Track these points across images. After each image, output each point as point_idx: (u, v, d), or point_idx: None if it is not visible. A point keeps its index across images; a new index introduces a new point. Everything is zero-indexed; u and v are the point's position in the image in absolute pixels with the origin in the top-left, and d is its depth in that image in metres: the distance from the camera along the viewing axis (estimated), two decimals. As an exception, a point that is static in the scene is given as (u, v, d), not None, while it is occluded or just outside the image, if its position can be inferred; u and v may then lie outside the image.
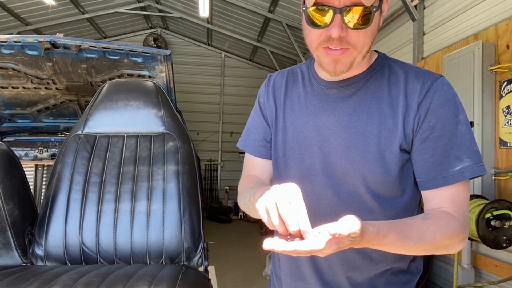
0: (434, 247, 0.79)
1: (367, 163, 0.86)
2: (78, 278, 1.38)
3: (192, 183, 1.79)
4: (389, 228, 0.72)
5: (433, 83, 0.85)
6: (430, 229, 0.77)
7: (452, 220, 0.80)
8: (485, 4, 2.99)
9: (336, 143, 0.89)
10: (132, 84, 2.05)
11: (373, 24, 0.82)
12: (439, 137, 0.82)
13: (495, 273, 2.72)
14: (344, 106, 0.90)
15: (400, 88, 0.87)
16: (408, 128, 0.84)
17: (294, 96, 0.98)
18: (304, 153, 0.93)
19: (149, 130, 1.90)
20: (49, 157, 3.42)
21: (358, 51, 0.83)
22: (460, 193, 0.83)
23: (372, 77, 0.91)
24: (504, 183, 2.70)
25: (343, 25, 0.78)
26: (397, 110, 0.85)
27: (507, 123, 2.67)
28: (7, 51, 2.60)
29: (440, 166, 0.83)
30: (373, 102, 0.88)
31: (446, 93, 0.85)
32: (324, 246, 0.62)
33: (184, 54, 9.62)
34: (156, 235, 1.67)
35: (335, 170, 0.89)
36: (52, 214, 1.69)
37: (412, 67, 0.91)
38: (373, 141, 0.86)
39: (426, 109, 0.83)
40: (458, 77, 2.96)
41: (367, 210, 0.88)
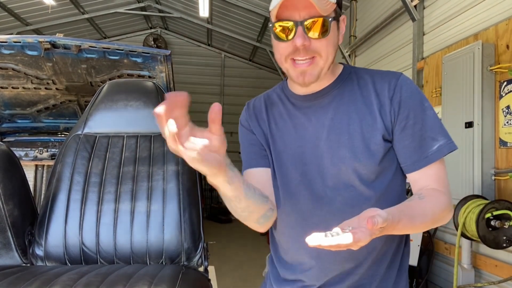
0: (433, 221, 0.90)
1: (356, 157, 0.95)
2: (78, 278, 1.38)
3: (192, 183, 1.80)
4: (400, 214, 0.80)
5: (398, 80, 0.97)
6: (428, 207, 0.88)
7: (440, 194, 0.92)
8: (485, 4, 2.99)
9: (326, 146, 0.98)
10: (132, 84, 2.05)
11: (332, 35, 0.92)
12: (414, 124, 0.94)
13: (495, 273, 2.72)
14: (325, 113, 1.00)
15: (370, 89, 0.98)
16: (387, 120, 0.95)
17: (276, 115, 1.07)
18: (298, 162, 1.01)
19: (149, 130, 1.91)
20: (49, 157, 3.42)
21: (324, 59, 0.92)
22: (440, 170, 0.96)
23: (343, 84, 1.01)
24: (504, 183, 2.70)
25: (305, 35, 0.89)
26: (372, 107, 0.97)
27: (507, 123, 2.67)
28: (7, 51, 2.60)
29: (420, 149, 0.94)
30: (349, 104, 0.99)
31: (410, 86, 0.97)
32: (359, 237, 0.68)
33: (184, 54, 9.62)
34: (156, 235, 1.67)
35: (329, 170, 0.97)
36: (52, 214, 1.69)
37: (375, 71, 1.03)
38: (357, 137, 0.96)
39: (398, 102, 0.95)
40: (458, 77, 2.96)
41: (362, 197, 0.96)
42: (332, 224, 0.81)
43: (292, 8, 0.88)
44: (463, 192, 2.81)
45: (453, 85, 3.02)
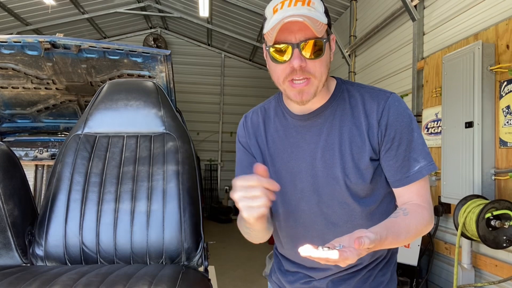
0: (416, 235, 0.97)
1: (347, 177, 1.02)
2: (78, 278, 1.38)
3: (192, 183, 1.79)
4: (386, 232, 0.86)
5: (386, 102, 1.01)
6: (412, 223, 0.95)
7: (423, 209, 0.99)
8: (485, 4, 2.99)
9: (320, 165, 1.04)
10: (132, 84, 2.05)
11: (326, 55, 0.97)
12: (399, 146, 1.00)
13: (495, 273, 2.72)
14: (319, 132, 1.05)
15: (360, 109, 1.04)
16: (374, 142, 1.01)
17: (273, 131, 1.12)
18: (295, 179, 1.07)
19: (149, 130, 1.90)
20: (49, 157, 3.42)
21: (318, 79, 0.97)
22: (422, 186, 1.02)
23: (335, 103, 1.06)
24: (504, 183, 2.70)
25: (301, 56, 0.94)
26: (361, 128, 1.02)
27: (507, 123, 2.67)
28: (7, 51, 2.60)
29: (403, 169, 1.01)
30: (341, 125, 1.04)
31: (398, 108, 1.01)
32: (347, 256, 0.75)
33: (184, 54, 9.62)
34: (156, 235, 1.67)
35: (324, 188, 1.04)
36: (52, 214, 1.69)
37: (366, 89, 1.07)
38: (348, 157, 1.02)
39: (385, 125, 1.00)
40: (458, 77, 2.96)
41: (355, 213, 1.04)
42: (328, 236, 0.98)
43: (287, 31, 0.93)
44: (463, 192, 2.81)
45: (453, 85, 3.02)
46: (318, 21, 0.93)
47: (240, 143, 1.18)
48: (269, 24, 0.95)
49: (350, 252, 0.75)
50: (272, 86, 6.97)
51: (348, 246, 0.77)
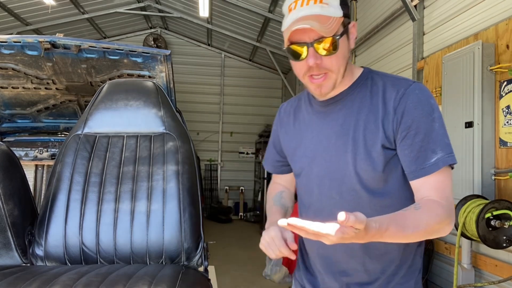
0: (428, 233, 0.91)
1: (358, 164, 1.01)
2: (78, 278, 1.38)
3: (192, 183, 1.79)
4: (389, 222, 0.83)
5: (406, 89, 0.99)
6: (423, 218, 0.89)
7: (438, 206, 0.92)
8: (485, 4, 2.99)
9: (334, 150, 1.06)
10: (132, 84, 2.05)
11: (341, 49, 0.98)
12: (415, 135, 0.96)
13: (495, 273, 2.72)
14: (337, 118, 1.07)
15: (379, 96, 1.03)
16: (388, 129, 0.99)
17: (300, 118, 1.18)
18: (312, 164, 1.10)
19: (149, 130, 1.90)
20: (49, 157, 3.42)
21: (336, 73, 1.00)
22: (441, 181, 0.96)
23: (356, 90, 1.07)
24: (504, 183, 2.70)
25: (316, 54, 0.97)
26: (378, 115, 1.01)
27: (507, 123, 2.67)
28: (7, 51, 2.60)
29: (418, 160, 0.96)
30: (358, 112, 1.04)
31: (418, 96, 0.98)
32: (329, 230, 0.73)
33: (184, 54, 9.62)
34: (156, 235, 1.67)
35: (336, 174, 1.05)
36: (52, 214, 1.69)
37: (390, 77, 1.06)
38: (360, 144, 1.01)
39: (401, 112, 0.98)
40: (458, 77, 2.96)
41: (362, 202, 1.03)
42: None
43: (301, 31, 0.95)
44: (463, 192, 2.80)
45: (453, 85, 3.02)
46: (330, 17, 0.94)
47: (273, 130, 1.28)
48: (285, 23, 0.99)
49: (332, 227, 0.73)
50: (272, 86, 7.03)
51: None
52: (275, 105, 10.02)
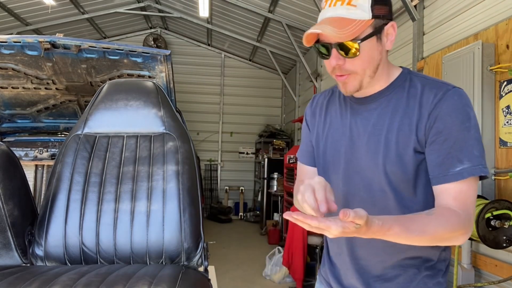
0: (436, 239, 0.91)
1: (388, 165, 1.00)
2: (78, 278, 1.38)
3: (192, 183, 1.79)
4: (393, 222, 0.84)
5: (444, 94, 0.97)
6: (431, 223, 0.88)
7: (453, 215, 0.91)
8: (485, 4, 2.99)
9: (364, 149, 1.05)
10: (132, 84, 2.05)
11: (366, 52, 0.97)
12: (444, 141, 0.95)
13: (495, 273, 2.72)
14: (370, 117, 1.06)
15: (417, 99, 1.00)
16: (420, 133, 0.98)
17: (333, 112, 1.17)
18: (340, 159, 1.10)
19: (149, 130, 1.90)
20: (49, 157, 3.42)
21: (360, 74, 1.00)
22: (463, 191, 0.94)
23: (393, 91, 1.05)
24: (504, 183, 2.70)
25: (339, 56, 0.97)
26: (413, 118, 0.99)
27: (507, 123, 2.67)
28: (7, 51, 2.60)
29: (442, 166, 0.95)
30: (393, 113, 1.03)
31: (455, 102, 0.96)
32: (329, 224, 0.76)
33: (184, 54, 9.62)
34: (156, 235, 1.67)
35: (365, 172, 1.05)
36: (52, 214, 1.69)
37: (431, 80, 1.03)
38: (392, 146, 1.00)
39: (435, 117, 0.96)
40: (458, 77, 2.96)
41: (391, 204, 1.02)
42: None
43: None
44: (463, 192, 2.80)
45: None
46: (354, 21, 0.94)
47: (305, 121, 1.28)
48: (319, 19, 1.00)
49: (333, 222, 0.76)
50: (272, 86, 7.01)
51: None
52: (275, 105, 10.03)
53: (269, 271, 4.67)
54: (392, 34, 1.02)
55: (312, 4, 5.71)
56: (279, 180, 7.45)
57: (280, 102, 10.06)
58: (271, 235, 6.64)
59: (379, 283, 1.08)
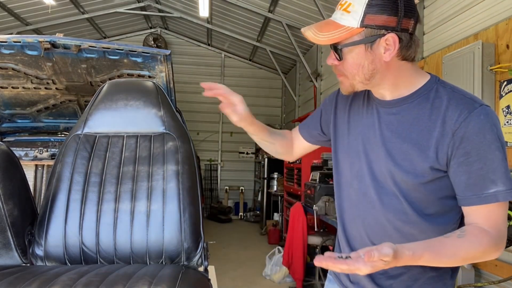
0: (467, 260, 0.94)
1: (400, 174, 1.00)
2: (78, 278, 1.37)
3: (192, 183, 1.79)
4: (424, 250, 0.86)
5: (470, 113, 0.93)
6: (463, 246, 0.90)
7: (485, 236, 0.92)
8: (485, 4, 2.99)
9: (378, 153, 1.06)
10: (132, 84, 2.05)
11: (351, 59, 1.00)
12: (474, 162, 0.93)
13: (495, 273, 2.72)
14: (389, 122, 1.06)
15: (440, 113, 0.97)
16: (442, 151, 0.95)
17: (355, 108, 1.17)
18: (354, 158, 1.12)
19: (149, 130, 1.90)
20: (49, 157, 3.42)
21: (350, 79, 1.03)
22: (494, 211, 0.94)
23: (417, 100, 1.03)
24: (504, 183, 2.70)
25: (334, 55, 1.03)
26: (433, 133, 0.97)
27: (507, 123, 2.67)
28: (7, 51, 2.59)
29: (475, 187, 0.93)
30: (413, 123, 1.01)
31: (482, 122, 0.93)
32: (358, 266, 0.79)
33: (184, 54, 9.62)
34: (156, 235, 1.67)
35: (377, 175, 1.06)
36: (52, 214, 1.69)
37: (458, 94, 1.00)
38: (407, 157, 0.99)
39: (461, 137, 0.93)
40: (458, 77, 2.96)
41: (400, 213, 1.02)
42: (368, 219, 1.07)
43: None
44: (463, 192, 2.80)
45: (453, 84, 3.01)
46: (341, 26, 0.97)
47: (322, 105, 1.30)
48: None
49: (362, 263, 0.79)
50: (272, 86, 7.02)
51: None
52: (275, 105, 10.03)
53: (269, 271, 4.67)
54: (390, 46, 0.97)
55: (312, 4, 5.71)
56: (279, 180, 7.45)
57: (280, 102, 10.06)
58: (271, 235, 6.64)
59: (383, 279, 1.08)
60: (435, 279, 1.06)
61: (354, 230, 1.13)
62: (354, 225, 1.13)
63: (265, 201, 7.72)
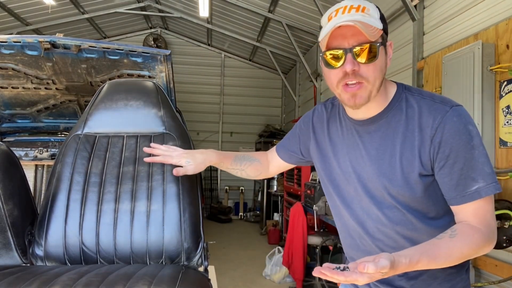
0: (462, 259, 0.94)
1: (395, 188, 1.02)
2: (78, 278, 1.37)
3: (192, 183, 1.79)
4: (420, 255, 0.87)
5: (443, 117, 0.97)
6: (457, 246, 0.91)
7: (476, 232, 0.94)
8: (485, 4, 2.99)
9: (369, 172, 1.06)
10: (132, 84, 2.05)
11: (380, 59, 0.98)
12: (454, 163, 0.96)
13: (495, 273, 2.72)
14: (371, 141, 1.07)
15: (415, 122, 1.01)
16: (425, 158, 0.99)
17: (333, 130, 1.18)
18: (348, 179, 1.12)
19: (149, 130, 1.90)
20: (49, 157, 3.42)
21: (371, 84, 0.98)
22: (481, 207, 0.96)
23: (391, 113, 1.05)
24: (504, 183, 2.70)
25: (354, 61, 0.96)
26: (414, 143, 1.00)
27: (507, 123, 2.67)
28: (7, 51, 2.59)
29: (458, 187, 0.97)
30: (394, 136, 1.03)
31: (456, 124, 0.96)
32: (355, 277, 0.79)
33: (184, 54, 9.62)
34: (156, 235, 1.67)
35: (374, 193, 1.07)
36: (52, 214, 1.69)
37: (426, 100, 1.03)
38: (397, 170, 1.01)
39: (439, 142, 0.96)
40: (458, 77, 2.96)
41: (406, 223, 1.04)
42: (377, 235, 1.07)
43: (340, 37, 0.96)
44: (463, 192, 2.80)
45: (453, 85, 3.02)
46: (371, 26, 0.95)
47: (299, 127, 1.31)
48: (323, 31, 0.99)
49: (359, 274, 0.79)
50: (272, 86, 7.04)
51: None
52: (275, 105, 10.03)
53: (269, 271, 4.67)
54: (390, 53, 1.03)
55: (312, 4, 5.71)
56: (279, 180, 7.45)
57: (280, 102, 10.06)
58: (271, 235, 6.64)
59: (403, 281, 1.09)
60: (453, 275, 1.07)
61: (367, 246, 1.13)
62: (366, 242, 1.13)
63: (265, 201, 7.72)
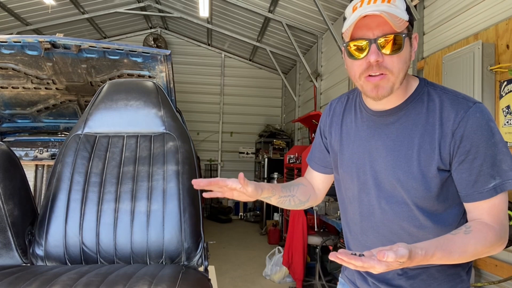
0: (475, 256, 0.94)
1: (410, 182, 1.00)
2: (78, 278, 1.37)
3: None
4: (435, 248, 0.86)
5: (466, 112, 0.96)
6: (471, 243, 0.91)
7: (490, 230, 0.94)
8: (485, 4, 2.99)
9: (383, 164, 1.05)
10: (132, 84, 2.05)
11: (405, 51, 0.96)
12: (474, 159, 0.95)
13: (495, 273, 2.72)
14: (388, 132, 1.05)
15: (436, 116, 1.00)
16: (445, 152, 0.97)
17: (348, 122, 1.16)
18: (359, 171, 1.10)
19: (149, 130, 1.90)
20: (49, 157, 3.42)
21: (395, 76, 0.97)
22: (496, 205, 0.96)
23: (411, 105, 1.04)
24: (504, 183, 2.70)
25: (378, 52, 0.94)
26: (434, 136, 0.99)
27: (507, 123, 2.67)
28: (7, 51, 2.60)
29: (476, 184, 0.96)
30: (413, 129, 1.02)
31: (479, 120, 0.96)
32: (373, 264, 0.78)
33: (184, 54, 9.62)
34: (156, 235, 1.67)
35: (385, 185, 1.05)
36: (52, 214, 1.69)
37: (449, 95, 1.02)
38: (414, 163, 1.00)
39: (460, 136, 0.96)
40: (458, 77, 2.96)
41: (413, 219, 1.03)
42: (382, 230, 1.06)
43: (365, 28, 0.95)
44: (463, 192, 2.80)
45: (453, 85, 3.02)
46: (397, 17, 0.93)
47: (319, 128, 1.27)
48: (348, 21, 0.97)
49: (376, 261, 0.78)
50: (272, 86, 7.04)
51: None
52: (275, 105, 10.03)
53: (269, 271, 4.67)
54: (415, 46, 1.02)
55: (312, 4, 5.71)
56: (279, 180, 7.45)
57: (280, 102, 10.06)
58: (271, 235, 6.64)
59: (403, 280, 1.09)
60: (453, 276, 1.07)
61: (369, 242, 1.13)
62: (367, 238, 1.13)
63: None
